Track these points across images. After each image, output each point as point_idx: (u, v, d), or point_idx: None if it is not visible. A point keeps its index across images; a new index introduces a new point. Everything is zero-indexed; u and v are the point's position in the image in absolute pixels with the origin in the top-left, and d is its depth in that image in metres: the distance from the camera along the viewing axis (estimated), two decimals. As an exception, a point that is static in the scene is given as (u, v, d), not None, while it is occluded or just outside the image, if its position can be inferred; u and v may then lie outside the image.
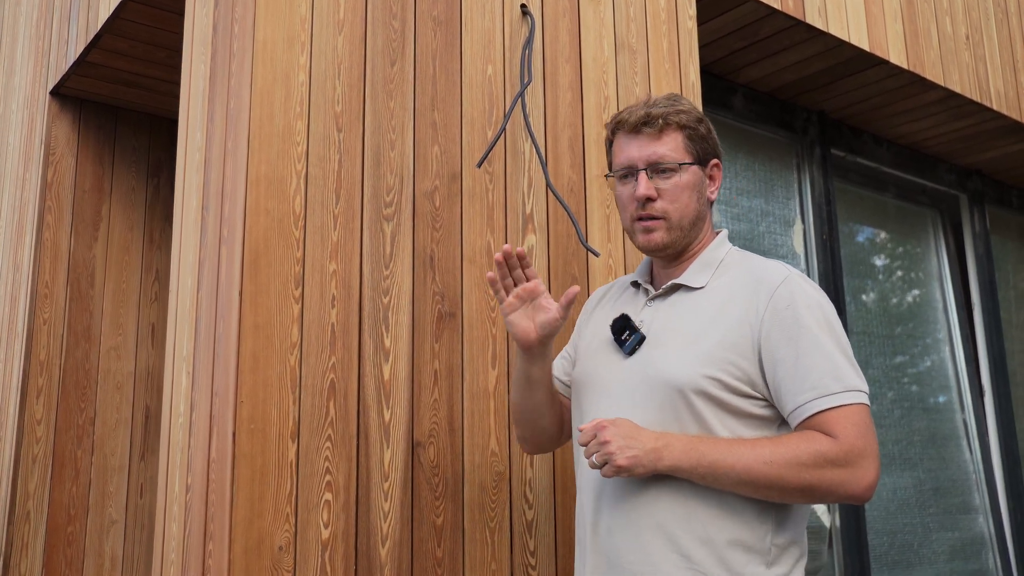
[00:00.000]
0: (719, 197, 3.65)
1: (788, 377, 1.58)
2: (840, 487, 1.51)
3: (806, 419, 1.55)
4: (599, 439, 1.56)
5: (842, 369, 1.57)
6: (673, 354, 1.65)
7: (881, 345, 4.22)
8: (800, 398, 1.56)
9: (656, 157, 1.74)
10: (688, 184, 1.75)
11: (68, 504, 3.32)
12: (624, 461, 1.53)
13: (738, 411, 1.61)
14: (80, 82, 3.44)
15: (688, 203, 1.75)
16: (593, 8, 2.70)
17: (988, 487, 4.41)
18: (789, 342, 1.58)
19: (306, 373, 1.96)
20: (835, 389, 1.55)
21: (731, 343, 1.62)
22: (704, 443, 1.56)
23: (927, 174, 4.65)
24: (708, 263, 1.76)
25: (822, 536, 3.63)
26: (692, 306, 1.71)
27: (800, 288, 1.64)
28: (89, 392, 3.43)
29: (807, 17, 3.36)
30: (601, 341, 1.81)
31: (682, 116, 1.76)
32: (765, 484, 1.52)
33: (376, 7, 2.23)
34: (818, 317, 1.61)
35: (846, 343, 1.62)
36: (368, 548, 1.97)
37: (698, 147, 1.77)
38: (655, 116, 1.75)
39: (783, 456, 1.51)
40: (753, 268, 1.71)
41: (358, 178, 2.12)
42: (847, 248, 4.19)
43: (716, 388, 1.60)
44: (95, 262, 3.53)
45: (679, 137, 1.75)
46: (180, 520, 1.99)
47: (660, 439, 1.57)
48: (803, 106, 4.03)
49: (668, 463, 1.55)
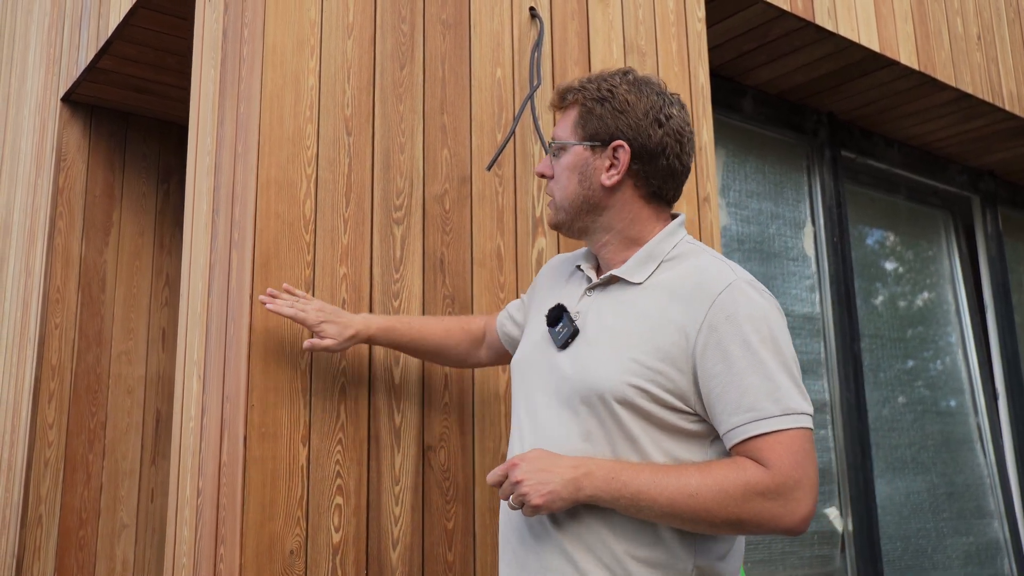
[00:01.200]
0: (730, 199, 3.64)
1: (723, 395, 1.44)
2: (771, 521, 1.39)
3: (739, 443, 1.43)
4: (511, 479, 1.46)
5: (782, 390, 1.42)
6: (601, 357, 1.53)
7: (893, 348, 4.20)
8: (734, 419, 1.43)
9: (553, 135, 1.68)
10: (567, 165, 1.64)
11: (80, 508, 3.32)
12: (539, 500, 1.43)
13: (667, 425, 1.48)
14: (91, 88, 3.46)
15: (567, 185, 1.63)
16: (602, 10, 2.69)
17: (1003, 491, 4.38)
18: (725, 357, 1.44)
19: (317, 377, 1.95)
20: (772, 412, 1.41)
21: (664, 352, 1.48)
22: (627, 471, 1.43)
23: (938, 176, 4.63)
24: (651, 256, 1.60)
25: (835, 541, 3.61)
26: (628, 304, 1.57)
27: (744, 296, 1.48)
28: (100, 396, 3.44)
29: (817, 18, 3.35)
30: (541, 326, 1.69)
31: (582, 93, 1.64)
32: (690, 518, 1.41)
33: (385, 11, 2.23)
34: (761, 330, 1.45)
35: (791, 360, 1.47)
36: (379, 552, 1.97)
37: (593, 125, 1.61)
38: (561, 91, 1.67)
39: (709, 488, 1.39)
40: (697, 270, 1.55)
41: (368, 181, 2.12)
42: (858, 251, 4.18)
43: (642, 399, 1.47)
44: (106, 267, 3.54)
45: (574, 114, 1.65)
46: (191, 524, 1.99)
47: (579, 467, 1.45)
48: (813, 108, 4.02)
49: (588, 493, 1.43)
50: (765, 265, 3.67)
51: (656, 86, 1.65)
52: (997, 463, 4.42)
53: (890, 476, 3.96)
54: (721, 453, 1.50)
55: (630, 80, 1.63)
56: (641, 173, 1.61)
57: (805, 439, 1.41)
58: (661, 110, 1.61)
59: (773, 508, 1.38)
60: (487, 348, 2.00)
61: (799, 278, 3.78)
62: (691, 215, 2.75)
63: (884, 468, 3.93)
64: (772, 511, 1.38)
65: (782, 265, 3.73)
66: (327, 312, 1.88)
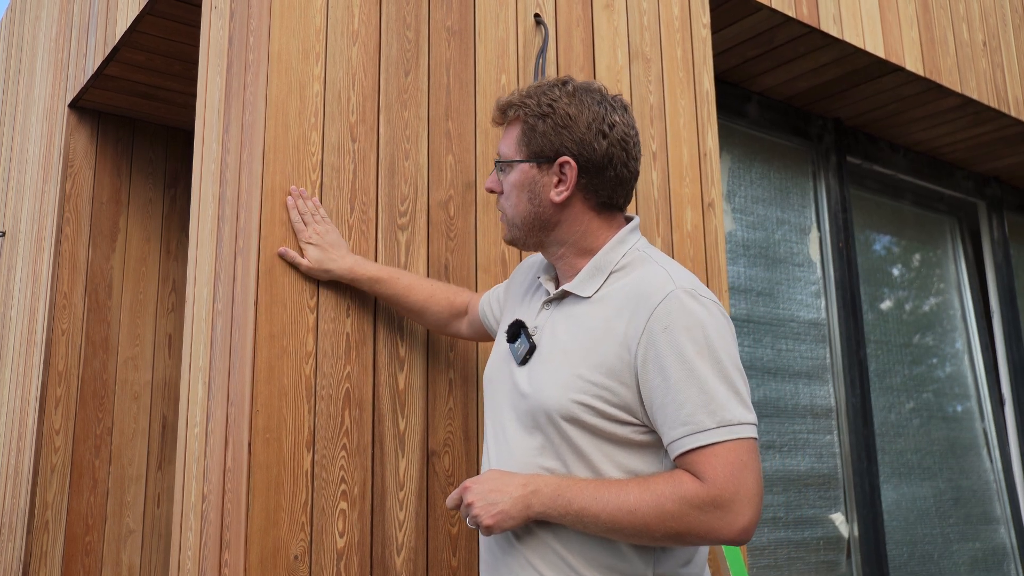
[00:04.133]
0: (735, 205, 3.64)
1: (662, 409, 1.44)
2: (710, 533, 1.39)
3: (678, 456, 1.43)
4: (464, 502, 1.51)
5: (717, 401, 1.41)
6: (550, 375, 1.54)
7: (899, 354, 4.19)
8: (673, 433, 1.42)
9: (499, 151, 1.66)
10: (515, 183, 1.62)
11: (86, 514, 3.33)
12: (490, 520, 1.47)
13: (617, 438, 1.49)
14: (98, 95, 3.48)
15: (517, 203, 1.62)
16: (607, 17, 2.70)
17: (1009, 497, 4.37)
18: (663, 370, 1.43)
19: (321, 382, 1.96)
20: (707, 425, 1.40)
21: (608, 367, 1.48)
22: (572, 488, 1.46)
23: (944, 181, 4.63)
24: (600, 268, 1.59)
25: (841, 547, 3.60)
26: (578, 319, 1.57)
27: (680, 307, 1.45)
28: (107, 402, 3.45)
29: (822, 24, 3.35)
30: (503, 341, 1.71)
31: (523, 109, 1.61)
32: (632, 533, 1.42)
33: (390, 17, 2.24)
34: (697, 340, 1.43)
35: (732, 369, 1.45)
36: (383, 557, 1.97)
37: (537, 142, 1.59)
38: (502, 106, 1.65)
39: (647, 504, 1.40)
40: (640, 280, 1.53)
41: (373, 188, 2.12)
42: (864, 256, 4.17)
43: (588, 415, 1.48)
44: (112, 273, 3.55)
45: (517, 131, 1.63)
46: (196, 529, 1.99)
47: (528, 484, 1.48)
48: (818, 113, 4.02)
49: (537, 510, 1.47)
50: (770, 270, 3.67)
51: (597, 93, 1.62)
52: (1003, 469, 4.41)
53: (896, 481, 3.95)
54: None
55: (569, 91, 1.61)
56: (590, 186, 1.60)
57: (743, 450, 1.40)
58: (604, 120, 1.59)
59: (710, 521, 1.38)
60: (468, 325, 2.03)
61: (805, 283, 3.78)
62: (696, 220, 2.75)
63: (890, 474, 3.93)
64: (709, 524, 1.39)
65: (788, 270, 3.73)
66: (324, 239, 1.97)
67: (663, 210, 2.67)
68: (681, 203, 2.73)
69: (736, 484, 1.38)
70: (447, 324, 2.04)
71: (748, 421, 1.42)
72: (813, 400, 3.66)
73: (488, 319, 1.94)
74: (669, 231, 2.68)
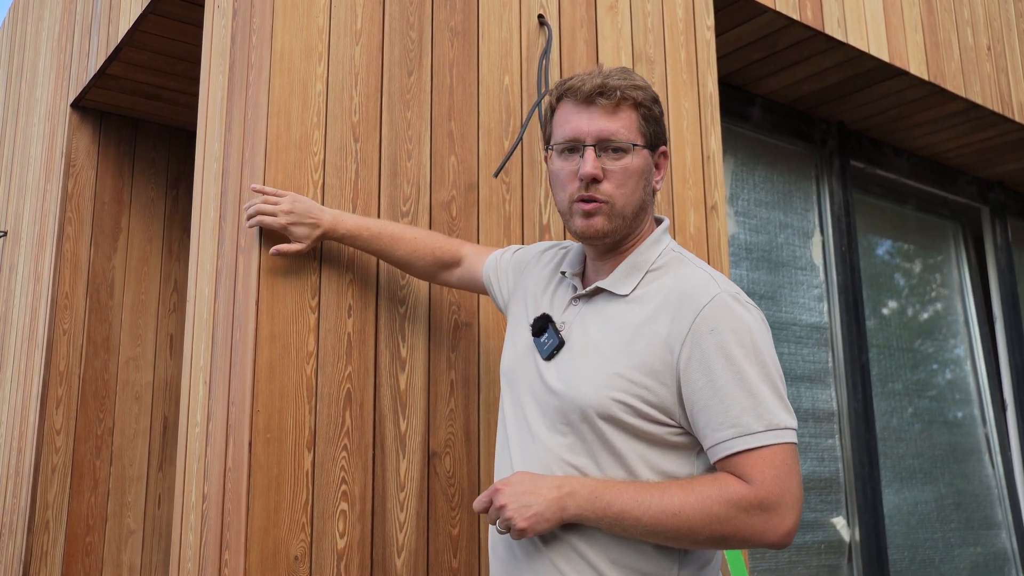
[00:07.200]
0: (738, 208, 3.63)
1: (706, 410, 1.43)
2: (754, 537, 1.39)
3: (722, 459, 1.42)
4: (495, 504, 1.47)
5: (765, 404, 1.41)
6: (584, 371, 1.52)
7: (901, 358, 4.19)
8: (718, 435, 1.42)
9: (607, 133, 1.54)
10: (637, 169, 1.56)
11: (87, 514, 3.33)
12: (524, 524, 1.44)
13: (652, 438, 1.48)
14: (100, 94, 3.47)
15: (635, 190, 1.56)
16: (610, 18, 2.70)
17: (1010, 502, 4.36)
18: (709, 372, 1.43)
19: (322, 383, 1.95)
20: (755, 428, 1.40)
21: (648, 366, 1.47)
22: (610, 490, 1.44)
23: (948, 186, 4.62)
24: (636, 266, 1.58)
25: (842, 551, 3.59)
26: (613, 316, 1.55)
27: (728, 309, 1.46)
28: (108, 402, 3.45)
29: (826, 28, 3.35)
30: (527, 334, 1.68)
31: (639, 93, 1.57)
32: (675, 536, 1.41)
33: (393, 17, 2.24)
34: (745, 344, 1.44)
35: (776, 374, 1.45)
36: (384, 558, 1.97)
37: (651, 130, 1.59)
38: (612, 88, 1.55)
39: (692, 506, 1.39)
40: (682, 280, 1.53)
41: (375, 188, 2.12)
42: (866, 260, 4.17)
43: (626, 414, 1.47)
44: (114, 273, 3.55)
45: (634, 116, 1.57)
46: (196, 529, 1.99)
47: (563, 486, 1.46)
48: (822, 117, 4.02)
49: (573, 512, 1.45)
50: (773, 274, 3.66)
51: None
52: (1005, 474, 4.40)
53: (898, 486, 3.94)
54: (707, 464, 1.50)
55: None
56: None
57: (788, 454, 1.41)
58: None
59: (756, 524, 1.39)
60: (459, 277, 2.02)
61: (807, 287, 3.77)
62: (699, 223, 2.75)
63: (892, 478, 3.92)
64: (755, 527, 1.39)
65: (790, 274, 3.73)
66: (297, 212, 1.92)
67: (666, 212, 2.66)
68: (684, 205, 2.73)
69: (782, 488, 1.39)
70: (433, 276, 2.05)
71: (792, 426, 1.43)
72: (815, 404, 3.66)
73: (492, 284, 1.93)
74: (672, 233, 2.68)
